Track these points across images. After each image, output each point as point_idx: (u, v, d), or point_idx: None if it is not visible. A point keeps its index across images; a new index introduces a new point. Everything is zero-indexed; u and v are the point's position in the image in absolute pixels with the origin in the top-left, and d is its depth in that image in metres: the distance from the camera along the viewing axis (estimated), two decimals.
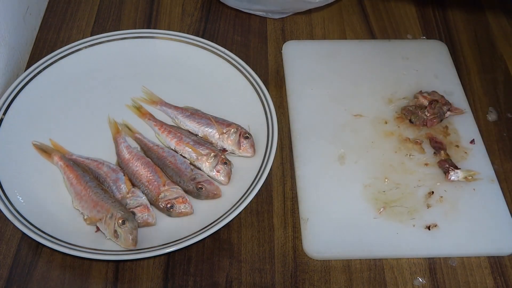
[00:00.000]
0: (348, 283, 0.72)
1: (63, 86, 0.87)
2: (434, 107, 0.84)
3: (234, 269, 0.72)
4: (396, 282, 0.72)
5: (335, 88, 0.90)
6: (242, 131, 0.80)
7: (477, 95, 0.92)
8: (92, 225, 0.73)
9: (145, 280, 0.71)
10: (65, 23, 1.00)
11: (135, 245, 0.69)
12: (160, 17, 1.01)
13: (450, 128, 0.85)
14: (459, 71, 0.94)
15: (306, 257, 0.74)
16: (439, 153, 0.82)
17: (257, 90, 0.85)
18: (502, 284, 0.72)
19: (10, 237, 0.74)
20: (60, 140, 0.82)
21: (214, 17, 1.01)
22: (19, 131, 0.81)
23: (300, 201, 0.78)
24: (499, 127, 0.88)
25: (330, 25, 1.01)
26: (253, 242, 0.75)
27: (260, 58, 0.95)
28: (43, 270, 0.71)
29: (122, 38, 0.91)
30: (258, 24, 1.00)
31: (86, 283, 0.70)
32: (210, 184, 0.76)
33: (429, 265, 0.73)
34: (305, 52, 0.95)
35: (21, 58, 0.93)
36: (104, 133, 0.83)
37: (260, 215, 0.77)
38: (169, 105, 0.85)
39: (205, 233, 0.70)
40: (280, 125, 0.85)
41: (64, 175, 0.77)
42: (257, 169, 0.77)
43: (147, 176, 0.77)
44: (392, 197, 0.78)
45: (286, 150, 0.84)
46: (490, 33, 1.02)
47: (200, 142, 0.81)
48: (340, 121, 0.86)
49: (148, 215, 0.73)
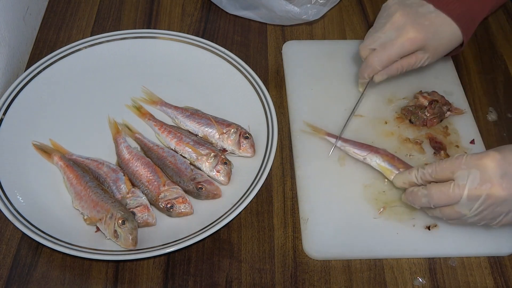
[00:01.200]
0: (348, 283, 0.72)
1: (63, 86, 0.87)
2: (434, 107, 0.84)
3: (234, 269, 0.72)
4: (396, 282, 0.72)
5: (335, 88, 0.90)
6: (242, 131, 0.80)
7: (477, 95, 0.92)
8: (92, 225, 0.73)
9: (145, 280, 0.71)
10: (65, 23, 1.00)
11: (135, 245, 0.69)
12: (160, 17, 1.01)
13: (450, 128, 0.85)
14: (459, 71, 0.94)
15: (306, 257, 0.74)
16: (439, 153, 0.82)
17: (257, 90, 0.85)
18: (502, 284, 0.73)
19: (10, 237, 0.74)
20: (60, 140, 0.82)
21: (214, 17, 1.01)
22: (19, 131, 0.81)
23: (300, 201, 0.78)
24: (499, 127, 0.88)
25: (330, 25, 1.01)
26: (253, 242, 0.75)
27: (260, 58, 0.95)
28: (43, 270, 0.71)
29: (122, 38, 0.91)
30: (258, 24, 1.00)
31: (86, 283, 0.71)
32: (210, 184, 0.76)
33: (429, 265, 0.73)
34: (305, 52, 0.95)
35: (21, 58, 0.93)
36: (104, 133, 0.83)
37: (260, 215, 0.77)
38: (169, 105, 0.85)
39: (205, 233, 0.70)
40: (280, 125, 0.85)
41: (64, 175, 0.77)
42: (257, 169, 0.77)
43: (147, 176, 0.77)
44: (392, 197, 0.78)
45: (286, 150, 0.84)
46: (490, 33, 1.02)
47: (200, 142, 0.81)
48: (340, 121, 0.86)
49: (148, 215, 0.73)
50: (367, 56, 0.81)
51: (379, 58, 0.79)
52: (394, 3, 0.80)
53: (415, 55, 0.79)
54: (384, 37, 0.79)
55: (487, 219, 0.67)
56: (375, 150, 0.79)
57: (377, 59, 0.79)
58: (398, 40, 0.78)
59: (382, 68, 0.80)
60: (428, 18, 0.78)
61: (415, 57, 0.80)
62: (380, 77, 0.82)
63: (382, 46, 0.79)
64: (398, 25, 0.78)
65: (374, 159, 0.78)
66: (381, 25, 0.80)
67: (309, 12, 0.94)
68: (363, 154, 0.79)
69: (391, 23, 0.78)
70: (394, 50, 0.78)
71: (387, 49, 0.79)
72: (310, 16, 0.95)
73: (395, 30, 0.78)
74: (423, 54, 0.79)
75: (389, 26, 0.79)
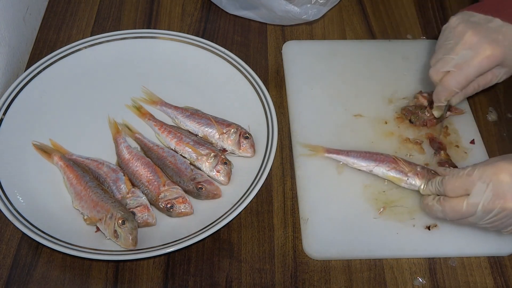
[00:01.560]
0: (348, 283, 0.72)
1: (63, 86, 0.87)
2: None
3: (234, 269, 0.72)
4: (396, 282, 0.72)
5: (335, 88, 0.90)
6: (242, 131, 0.80)
7: (477, 95, 0.92)
8: (92, 225, 0.73)
9: (145, 280, 0.71)
10: (65, 23, 1.00)
11: (135, 245, 0.69)
12: (160, 17, 1.01)
13: (450, 128, 0.85)
14: None
15: (306, 257, 0.74)
16: (439, 153, 0.82)
17: (257, 90, 0.85)
18: (502, 284, 0.73)
19: (10, 237, 0.74)
20: (60, 140, 0.82)
21: (214, 17, 1.01)
22: (19, 131, 0.81)
23: (300, 201, 0.78)
24: (499, 127, 0.88)
25: (330, 25, 1.01)
26: (253, 242, 0.75)
27: (260, 58, 0.95)
28: (43, 270, 0.71)
29: (122, 38, 0.91)
30: (258, 24, 1.00)
31: (86, 283, 0.71)
32: (210, 184, 0.76)
33: (429, 265, 0.73)
34: (305, 52, 0.95)
35: (21, 58, 0.93)
36: (104, 133, 0.83)
37: (260, 215, 0.77)
38: (169, 105, 0.85)
39: (205, 233, 0.70)
40: (280, 125, 0.85)
41: (64, 175, 0.77)
42: (257, 169, 0.77)
43: (147, 176, 0.77)
44: (392, 197, 0.78)
45: (286, 150, 0.84)
46: None
47: (200, 142, 0.81)
48: (340, 121, 0.86)
49: (148, 215, 0.73)
50: (443, 79, 0.76)
51: (457, 80, 0.74)
52: (459, 22, 0.76)
53: (492, 72, 0.76)
54: (458, 58, 0.74)
55: (499, 228, 0.68)
56: (379, 160, 0.79)
57: (455, 81, 0.75)
58: (475, 60, 0.73)
59: (460, 90, 0.76)
60: (501, 32, 0.74)
61: (491, 74, 0.76)
62: (458, 99, 0.78)
63: (458, 68, 0.74)
64: (472, 44, 0.73)
65: (380, 170, 0.78)
66: (451, 46, 0.76)
67: (309, 12, 0.94)
68: (369, 168, 0.79)
69: (463, 43, 0.74)
70: (472, 70, 0.73)
71: (464, 70, 0.74)
72: (310, 16, 0.95)
73: (470, 50, 0.73)
74: (499, 69, 0.76)
75: (461, 47, 0.74)
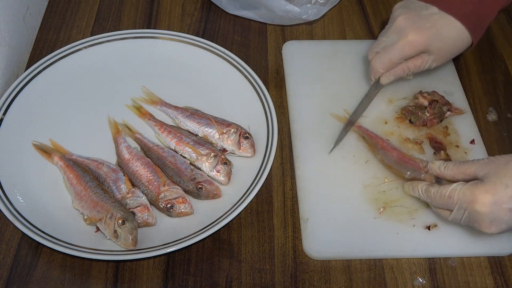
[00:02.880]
0: (348, 283, 0.72)
1: (63, 86, 0.87)
2: (434, 107, 0.84)
3: (234, 269, 0.72)
4: (396, 282, 0.72)
5: (335, 88, 0.90)
6: (242, 131, 0.80)
7: (477, 95, 0.92)
8: (92, 225, 0.73)
9: (145, 280, 0.71)
10: (65, 23, 1.00)
11: (135, 245, 0.69)
12: (160, 17, 1.01)
13: (450, 128, 0.85)
14: (459, 71, 0.94)
15: (306, 257, 0.74)
16: (439, 153, 0.82)
17: (257, 90, 0.85)
18: (502, 284, 0.72)
19: (10, 237, 0.74)
20: (60, 140, 0.82)
21: (214, 17, 1.01)
22: (19, 131, 0.81)
23: (300, 201, 0.78)
24: (499, 127, 0.88)
25: (330, 25, 1.01)
26: (253, 242, 0.75)
27: (260, 58, 0.95)
28: (43, 270, 0.71)
29: (122, 38, 0.91)
30: (258, 24, 1.00)
31: (86, 283, 0.71)
32: (210, 184, 0.76)
33: (429, 265, 0.73)
34: (305, 52, 0.95)
35: (21, 58, 0.93)
36: (104, 133, 0.83)
37: (260, 215, 0.77)
38: (169, 105, 0.85)
39: (205, 233, 0.70)
40: (280, 125, 0.85)
41: (64, 175, 0.77)
42: (257, 169, 0.77)
43: (147, 176, 0.77)
44: (392, 197, 0.78)
45: (286, 150, 0.84)
46: (490, 33, 1.01)
47: (200, 142, 0.81)
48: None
49: (148, 215, 0.73)
50: (371, 59, 0.83)
51: (381, 61, 0.81)
52: (399, 7, 0.83)
53: (421, 57, 0.80)
54: (387, 41, 0.81)
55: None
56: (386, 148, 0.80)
57: (379, 61, 0.82)
58: (398, 44, 0.79)
59: (384, 71, 0.82)
60: (430, 20, 0.78)
61: (421, 59, 0.81)
62: (386, 79, 0.84)
63: (385, 49, 0.81)
64: (399, 29, 0.79)
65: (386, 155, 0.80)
66: (386, 29, 0.82)
67: (309, 12, 0.94)
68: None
69: (394, 27, 0.80)
70: (394, 53, 0.80)
71: (388, 52, 0.80)
72: (310, 16, 0.95)
73: (396, 34, 0.79)
74: (427, 56, 0.80)
75: (392, 30, 0.80)
